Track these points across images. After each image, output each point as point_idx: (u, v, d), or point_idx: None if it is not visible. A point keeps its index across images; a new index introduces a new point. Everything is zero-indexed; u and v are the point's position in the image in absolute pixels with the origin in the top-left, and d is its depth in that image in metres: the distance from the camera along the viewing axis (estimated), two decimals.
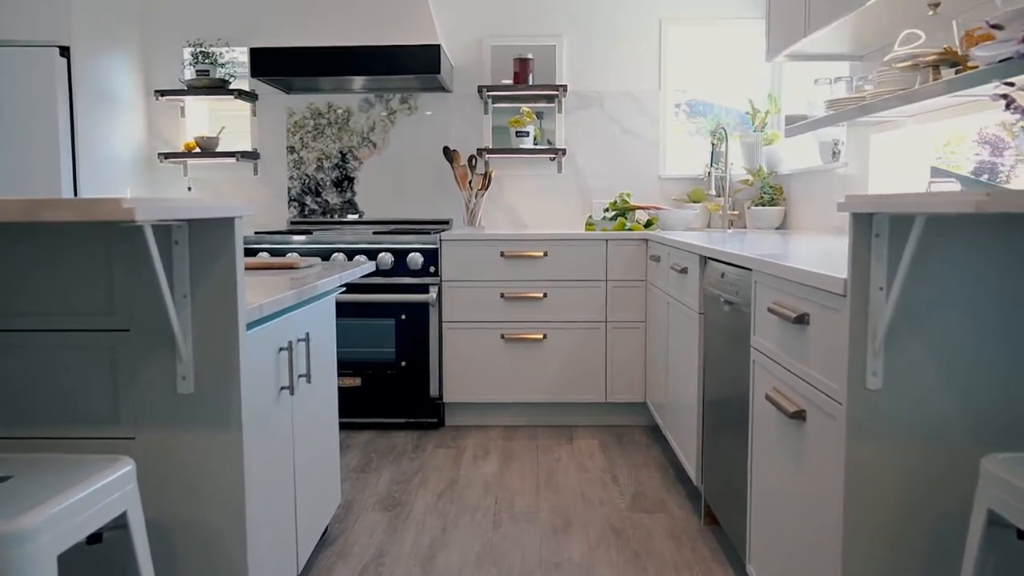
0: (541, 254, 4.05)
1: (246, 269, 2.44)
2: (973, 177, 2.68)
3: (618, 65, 4.72)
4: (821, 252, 2.51)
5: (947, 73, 2.38)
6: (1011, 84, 1.72)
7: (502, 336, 4.07)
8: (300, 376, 2.23)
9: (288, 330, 2.10)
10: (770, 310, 1.95)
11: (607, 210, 4.48)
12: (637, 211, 4.47)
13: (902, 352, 1.50)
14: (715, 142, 4.68)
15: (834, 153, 3.76)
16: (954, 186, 2.72)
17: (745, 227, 4.57)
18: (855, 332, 1.51)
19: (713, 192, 4.47)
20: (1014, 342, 1.49)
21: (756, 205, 4.44)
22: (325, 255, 3.98)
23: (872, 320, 1.49)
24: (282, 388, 2.05)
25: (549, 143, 4.70)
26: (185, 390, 1.51)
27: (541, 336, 4.08)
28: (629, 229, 4.24)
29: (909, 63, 2.45)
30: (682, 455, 3.21)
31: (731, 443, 2.46)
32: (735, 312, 2.41)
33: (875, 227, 1.47)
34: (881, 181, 3.35)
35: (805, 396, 1.76)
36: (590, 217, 4.44)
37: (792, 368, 1.85)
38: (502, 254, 4.04)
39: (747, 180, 4.56)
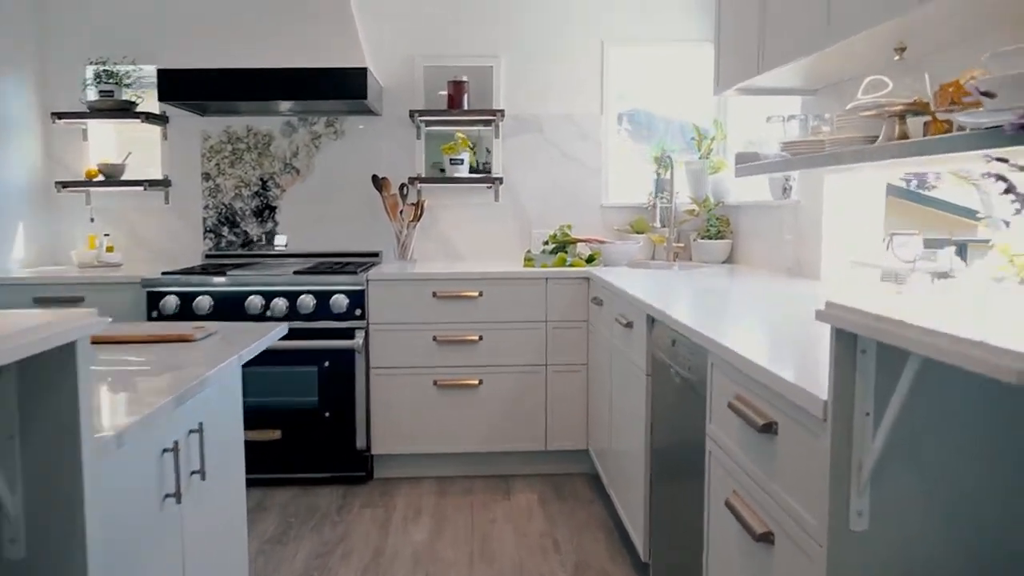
0: (476, 294, 3.77)
1: (128, 343, 2.11)
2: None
3: (558, 88, 4.47)
4: (783, 319, 2.29)
5: (914, 123, 2.18)
6: (1004, 160, 1.52)
7: (435, 382, 3.79)
8: (193, 473, 1.92)
9: (174, 426, 1.79)
10: (731, 406, 1.71)
11: (547, 243, 4.23)
12: (579, 244, 4.23)
13: (892, 488, 1.26)
14: (659, 170, 4.47)
15: (784, 189, 3.56)
16: (917, 242, 2.54)
17: (691, 259, 4.36)
18: (837, 464, 1.27)
19: (658, 223, 4.26)
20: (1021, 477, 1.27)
21: (702, 237, 4.24)
22: (240, 300, 3.64)
23: (857, 450, 1.26)
24: (166, 496, 1.74)
25: (486, 168, 4.43)
26: (15, 555, 1.19)
27: (477, 381, 3.80)
28: (570, 265, 3.99)
29: (874, 112, 2.25)
30: (629, 524, 2.97)
31: (684, 535, 2.22)
32: (688, 389, 2.18)
33: (861, 342, 1.24)
34: (836, 221, 3.16)
35: (774, 518, 1.52)
36: (529, 251, 4.18)
37: (757, 479, 1.61)
38: (434, 294, 3.75)
39: (693, 210, 4.36)
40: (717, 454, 1.87)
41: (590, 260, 4.08)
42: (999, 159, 1.52)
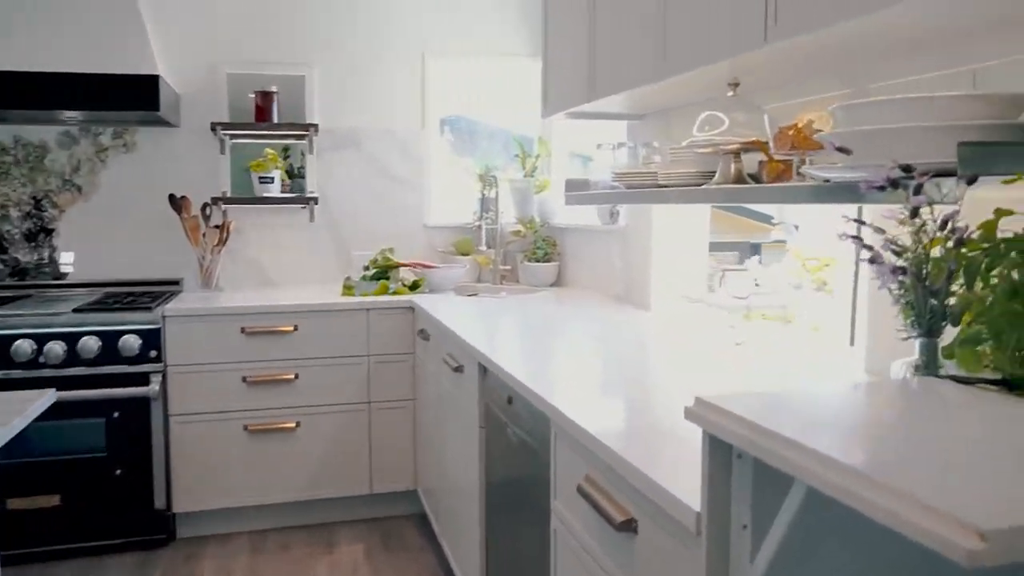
0: (291, 328, 3.44)
1: None
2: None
3: (377, 100, 4.20)
4: (632, 368, 2.15)
5: (748, 159, 2.11)
6: (861, 222, 1.43)
7: (245, 427, 3.42)
8: None
9: None
10: (580, 490, 1.53)
11: (367, 268, 3.95)
12: (402, 269, 3.98)
13: None
14: (484, 189, 4.30)
15: (612, 214, 3.49)
16: (749, 279, 2.50)
17: (518, 281, 4.22)
18: None
19: (484, 245, 4.08)
20: None
21: (530, 260, 4.11)
22: (6, 344, 3.11)
23: (736, 569, 1.10)
24: None
25: (299, 182, 4.08)
26: None
27: (293, 424, 3.47)
28: (393, 293, 3.74)
29: (709, 150, 2.16)
30: None
31: None
32: (528, 454, 1.99)
33: (737, 447, 1.08)
34: (665, 250, 3.11)
35: None
36: (348, 278, 3.88)
37: None
38: (243, 330, 3.38)
39: (519, 231, 4.22)
40: (564, 536, 1.69)
41: (414, 287, 3.84)
42: (857, 220, 1.43)
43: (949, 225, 1.28)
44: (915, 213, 1.28)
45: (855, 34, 1.59)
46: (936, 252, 1.30)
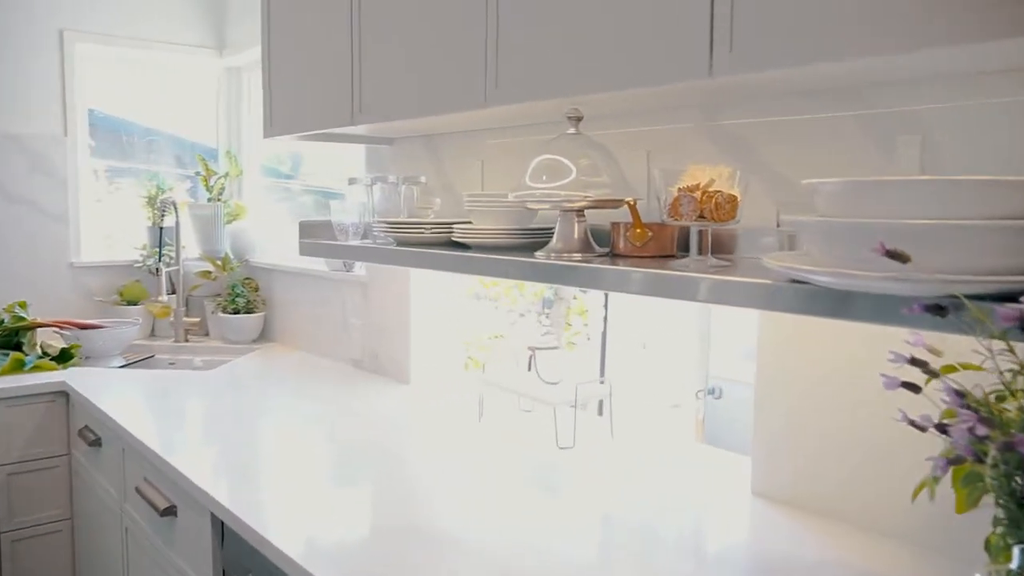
0: None
1: None
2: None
3: None
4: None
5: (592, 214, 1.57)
6: (923, 363, 0.93)
7: None
8: None
9: None
10: None
11: None
12: (40, 331, 2.87)
13: None
14: (155, 216, 3.32)
15: (346, 262, 2.77)
16: (562, 357, 1.96)
17: (208, 335, 3.31)
18: None
19: (164, 295, 3.11)
20: None
21: (226, 311, 3.21)
22: None
23: None
24: None
25: None
26: None
27: None
28: (32, 369, 2.65)
29: (546, 205, 1.58)
30: None
31: None
32: None
33: None
34: (426, 304, 2.48)
35: None
36: None
37: None
38: None
39: (208, 272, 3.30)
40: None
41: (65, 358, 2.77)
42: (915, 360, 0.94)
43: None
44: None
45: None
46: None
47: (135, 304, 3.25)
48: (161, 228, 3.10)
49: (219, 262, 3.28)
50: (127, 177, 3.45)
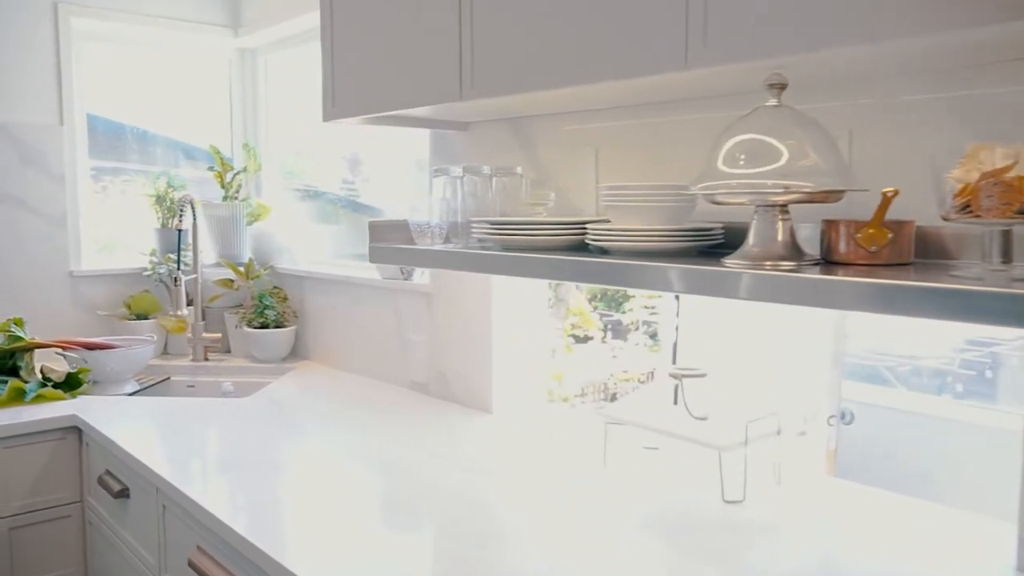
0: None
1: None
2: None
3: None
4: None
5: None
6: None
7: None
8: None
9: None
10: None
11: None
12: (37, 352, 2.45)
13: None
14: (167, 218, 2.92)
15: (404, 268, 2.38)
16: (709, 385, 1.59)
17: (229, 351, 2.90)
18: None
19: (183, 308, 2.69)
20: None
21: (251, 325, 2.80)
22: None
23: None
24: None
25: None
26: None
27: None
28: (35, 399, 2.23)
29: (744, 199, 1.21)
30: None
31: None
32: None
33: None
34: (511, 319, 2.10)
35: None
36: None
37: None
38: None
39: (229, 281, 2.89)
40: None
41: (73, 384, 2.35)
42: None
43: None
44: None
45: None
46: None
47: (144, 318, 2.84)
48: (180, 231, 2.68)
49: (241, 269, 2.87)
50: (123, 175, 3.02)
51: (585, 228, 1.47)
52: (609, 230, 1.42)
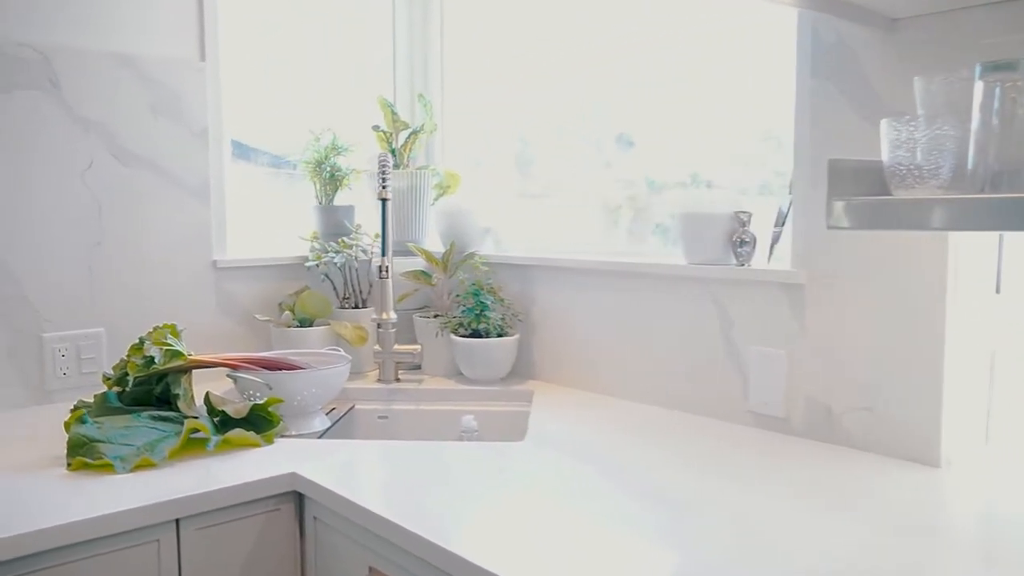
0: None
1: None
2: None
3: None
4: None
5: None
6: None
7: None
8: None
9: None
10: None
11: (109, 377, 1.61)
12: (193, 373, 1.70)
13: None
14: (324, 191, 2.20)
15: (741, 242, 1.63)
16: None
17: (420, 367, 2.16)
18: None
19: (390, 312, 1.93)
20: None
21: (456, 331, 2.05)
22: None
23: None
24: None
25: None
26: None
27: None
28: (220, 447, 1.48)
29: None
30: None
31: None
32: None
33: None
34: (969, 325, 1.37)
35: None
36: (78, 407, 1.52)
37: None
38: None
39: (426, 275, 2.14)
40: None
41: (258, 421, 1.60)
42: None
43: None
44: None
45: None
46: None
47: (309, 324, 2.09)
48: (384, 201, 1.93)
49: (438, 259, 2.12)
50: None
51: None
52: None
